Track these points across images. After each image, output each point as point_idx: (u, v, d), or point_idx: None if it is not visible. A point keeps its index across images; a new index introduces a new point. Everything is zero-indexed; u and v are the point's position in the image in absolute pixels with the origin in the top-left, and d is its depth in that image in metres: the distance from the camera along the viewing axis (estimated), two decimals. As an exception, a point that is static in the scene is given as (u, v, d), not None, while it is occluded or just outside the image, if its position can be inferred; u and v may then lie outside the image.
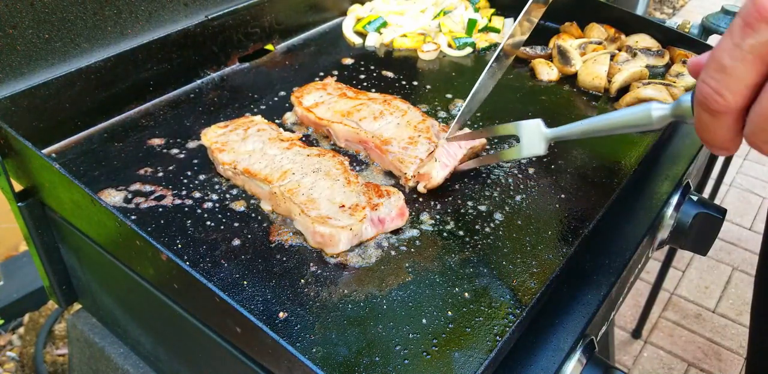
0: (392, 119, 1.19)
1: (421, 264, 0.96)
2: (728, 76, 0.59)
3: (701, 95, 0.62)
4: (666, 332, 2.72)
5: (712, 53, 0.61)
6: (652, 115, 0.79)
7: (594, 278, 1.03)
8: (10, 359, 2.36)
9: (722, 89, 0.60)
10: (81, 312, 1.32)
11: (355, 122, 1.19)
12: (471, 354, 0.81)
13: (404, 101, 1.24)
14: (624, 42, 1.55)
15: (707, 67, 0.61)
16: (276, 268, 0.95)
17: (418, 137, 1.14)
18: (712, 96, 0.61)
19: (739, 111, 0.61)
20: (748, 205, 3.41)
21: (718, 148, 0.67)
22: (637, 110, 0.81)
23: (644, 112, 0.80)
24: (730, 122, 0.62)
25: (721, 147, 0.66)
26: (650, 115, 0.79)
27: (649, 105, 0.79)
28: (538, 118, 0.98)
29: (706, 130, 0.65)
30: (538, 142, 0.98)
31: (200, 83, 1.41)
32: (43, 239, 1.14)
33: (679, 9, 5.67)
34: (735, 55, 0.58)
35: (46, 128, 1.17)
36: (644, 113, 0.80)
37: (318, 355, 0.81)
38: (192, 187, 1.10)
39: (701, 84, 0.62)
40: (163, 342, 1.10)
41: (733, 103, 0.60)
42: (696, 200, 1.25)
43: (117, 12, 1.22)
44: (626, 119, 0.83)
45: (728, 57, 0.59)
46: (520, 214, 1.07)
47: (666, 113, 0.78)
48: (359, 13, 1.69)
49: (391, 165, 1.13)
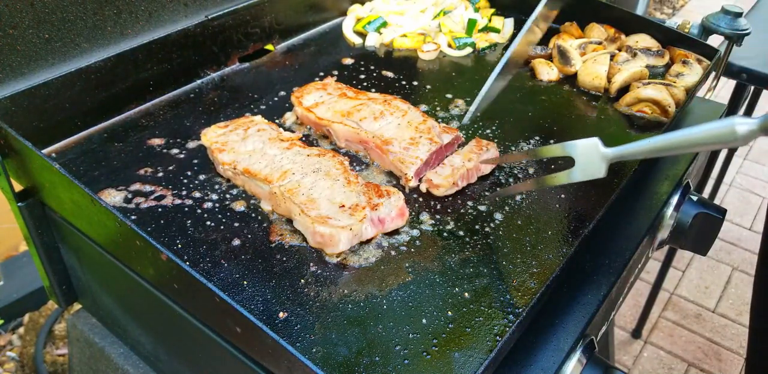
0: (392, 120, 1.19)
1: (421, 264, 0.96)
2: None
3: None
4: (666, 332, 2.72)
5: None
6: (737, 130, 0.73)
7: (594, 278, 1.03)
8: (10, 359, 2.36)
9: None
10: (81, 312, 1.32)
11: (356, 122, 1.19)
12: (471, 354, 0.81)
13: (404, 101, 1.24)
14: (624, 42, 1.55)
15: None
16: (276, 268, 0.95)
17: (420, 138, 1.14)
18: None
19: None
20: (748, 205, 3.41)
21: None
22: (718, 126, 0.75)
23: (728, 127, 0.74)
24: None
25: None
26: (734, 130, 0.74)
27: (732, 120, 0.74)
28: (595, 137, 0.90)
29: None
30: (596, 164, 0.88)
31: (200, 83, 1.41)
32: (43, 239, 1.14)
33: (679, 9, 5.67)
34: None
35: (46, 128, 1.17)
36: (728, 129, 0.74)
37: (318, 355, 0.81)
38: (192, 187, 1.10)
39: None
40: (163, 342, 1.10)
41: None
42: (696, 200, 1.25)
43: (117, 12, 1.22)
44: (706, 135, 0.77)
45: None
46: (520, 214, 1.07)
47: (754, 128, 0.73)
48: (359, 13, 1.69)
49: (392, 165, 1.13)
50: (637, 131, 1.31)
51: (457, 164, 1.11)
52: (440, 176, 1.09)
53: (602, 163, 0.88)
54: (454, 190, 1.11)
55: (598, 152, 0.88)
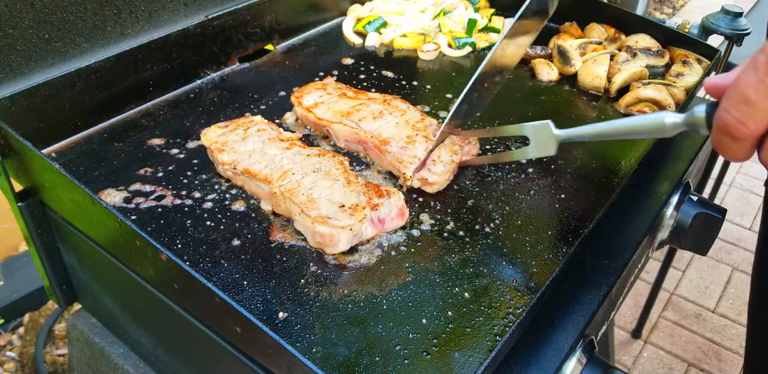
0: (391, 119, 1.19)
1: (421, 264, 0.96)
2: (753, 109, 0.63)
3: (724, 123, 0.66)
4: (666, 332, 2.71)
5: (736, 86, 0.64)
6: (665, 122, 0.81)
7: (594, 278, 1.03)
8: (10, 359, 2.36)
9: (747, 120, 0.64)
10: (81, 312, 1.32)
11: (355, 122, 1.19)
12: (471, 354, 0.81)
13: (404, 101, 1.24)
14: (624, 42, 1.55)
15: (730, 98, 0.65)
16: (276, 268, 0.95)
17: (416, 137, 1.13)
18: (736, 125, 0.65)
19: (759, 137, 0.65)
20: (748, 205, 3.41)
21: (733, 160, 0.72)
22: (651, 117, 0.84)
23: (657, 120, 0.82)
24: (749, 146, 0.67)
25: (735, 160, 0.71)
26: (663, 123, 0.82)
27: (662, 113, 0.82)
28: (547, 119, 0.99)
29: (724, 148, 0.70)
30: (548, 143, 0.99)
31: (200, 83, 1.41)
32: (43, 239, 1.14)
33: (679, 9, 5.67)
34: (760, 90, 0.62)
35: (46, 128, 1.17)
36: (657, 121, 0.82)
37: (318, 355, 0.81)
38: (192, 187, 1.10)
39: (724, 113, 0.66)
40: (163, 342, 1.10)
41: (755, 131, 0.64)
42: (696, 200, 1.25)
43: (117, 12, 1.22)
44: (639, 125, 0.85)
45: (753, 92, 0.62)
46: (520, 214, 1.07)
47: (678, 121, 0.80)
48: (359, 13, 1.68)
49: (390, 165, 1.13)
50: (637, 131, 1.30)
51: (446, 159, 1.11)
52: (434, 173, 1.09)
53: (553, 142, 0.99)
54: (446, 184, 1.11)
55: (550, 133, 0.98)
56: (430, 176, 1.08)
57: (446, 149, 1.13)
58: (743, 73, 0.64)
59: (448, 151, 1.13)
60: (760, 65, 0.61)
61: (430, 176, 1.09)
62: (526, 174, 1.17)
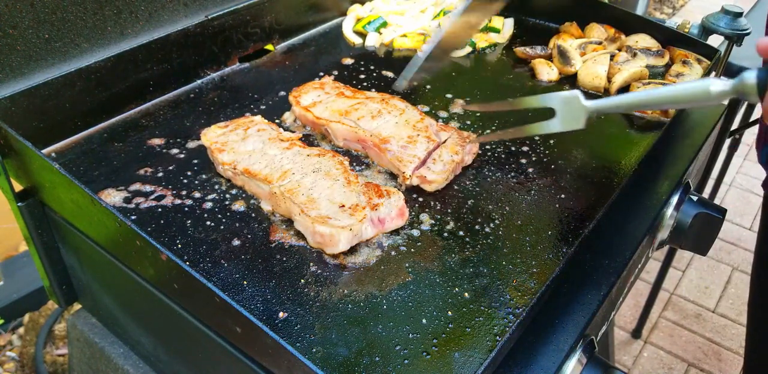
0: (390, 118, 1.19)
1: (421, 264, 0.96)
2: None
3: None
4: (666, 332, 2.71)
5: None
6: (711, 90, 0.77)
7: (594, 278, 1.03)
8: (10, 359, 2.35)
9: None
10: (81, 312, 1.32)
11: (353, 121, 1.19)
12: (471, 354, 0.81)
13: (402, 100, 1.24)
14: (624, 42, 1.55)
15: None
16: (276, 268, 0.95)
17: (417, 137, 1.14)
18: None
19: None
20: (748, 205, 3.41)
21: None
22: (695, 84, 0.78)
23: (702, 87, 0.77)
24: None
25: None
26: (708, 90, 0.77)
27: (708, 80, 0.77)
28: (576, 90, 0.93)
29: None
30: (577, 116, 0.91)
31: (200, 83, 1.41)
32: (43, 239, 1.14)
33: (679, 9, 5.67)
34: None
35: (46, 128, 1.17)
36: (702, 88, 0.77)
37: (318, 355, 0.81)
38: (192, 187, 1.10)
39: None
40: (163, 342, 1.10)
41: None
42: (696, 200, 1.25)
43: (117, 12, 1.22)
44: (684, 92, 0.80)
45: None
46: (520, 214, 1.07)
47: (726, 89, 0.76)
48: (359, 13, 1.68)
49: (390, 164, 1.13)
50: (637, 131, 1.30)
51: (446, 159, 1.11)
52: (434, 172, 1.09)
53: (582, 114, 0.91)
54: (444, 184, 1.11)
55: (579, 104, 0.91)
56: (429, 175, 1.09)
57: (447, 148, 1.13)
58: None
59: (449, 151, 1.13)
60: None
61: (429, 174, 1.09)
62: (526, 174, 1.17)
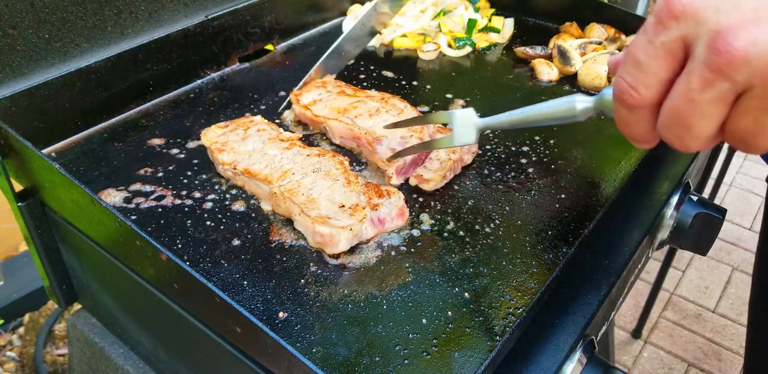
0: (388, 117, 1.18)
1: (421, 264, 0.96)
2: (642, 71, 0.61)
3: (618, 90, 0.64)
4: (666, 332, 2.72)
5: (628, 50, 0.63)
6: (576, 107, 0.80)
7: (594, 278, 1.03)
8: (10, 359, 2.36)
9: (637, 84, 0.62)
10: (81, 312, 1.32)
11: (351, 118, 1.19)
12: (471, 354, 0.81)
13: (402, 100, 1.24)
14: (624, 42, 1.55)
15: (624, 63, 0.63)
16: (276, 268, 0.95)
17: (410, 137, 1.13)
18: (628, 91, 0.63)
19: (654, 105, 0.63)
20: (748, 205, 3.41)
21: (637, 141, 0.69)
22: (562, 101, 0.82)
23: (569, 104, 0.81)
24: (646, 116, 0.64)
25: (640, 140, 0.68)
26: (574, 107, 0.80)
27: (573, 97, 0.80)
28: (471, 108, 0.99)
29: (625, 124, 0.67)
30: (469, 131, 0.97)
31: (200, 83, 1.41)
32: (43, 239, 1.14)
33: (679, 9, 5.66)
34: (648, 51, 0.60)
35: (46, 128, 1.17)
36: (568, 105, 0.81)
37: (318, 355, 0.81)
38: (192, 187, 1.10)
39: (618, 79, 0.64)
40: (163, 342, 1.10)
41: (647, 97, 0.62)
42: (696, 200, 1.25)
43: (117, 12, 1.22)
44: (551, 110, 0.83)
45: (642, 53, 0.61)
46: (520, 214, 1.07)
47: (589, 105, 0.79)
48: (359, 13, 1.68)
49: (380, 162, 1.13)
50: (637, 131, 1.30)
51: (443, 158, 1.12)
52: (430, 170, 1.10)
53: (473, 131, 0.97)
54: (444, 183, 1.12)
55: (471, 121, 0.97)
56: (426, 173, 1.09)
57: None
58: (635, 38, 0.63)
59: (446, 150, 1.13)
60: (649, 27, 0.60)
61: (426, 172, 1.09)
62: (526, 174, 1.17)
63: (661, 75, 0.61)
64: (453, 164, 1.12)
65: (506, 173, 1.17)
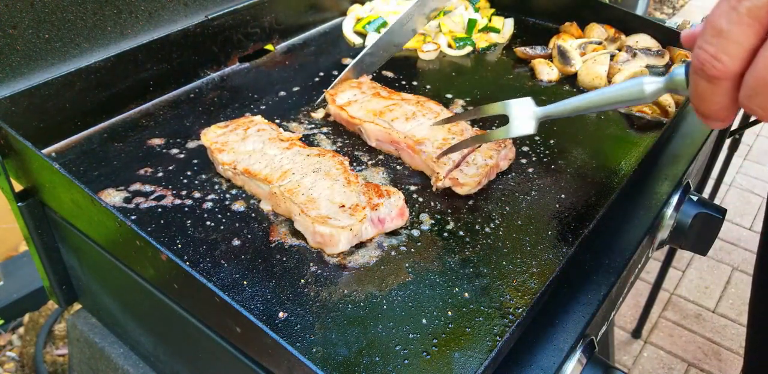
0: (424, 121, 1.19)
1: (421, 264, 0.96)
2: (726, 40, 0.59)
3: (699, 62, 0.62)
4: (666, 332, 2.72)
5: (708, 19, 0.60)
6: (645, 89, 0.79)
7: (594, 278, 1.03)
8: (10, 359, 2.36)
9: (720, 54, 0.60)
10: (81, 312, 1.32)
11: (387, 122, 1.19)
12: (471, 354, 0.81)
13: (437, 103, 1.24)
14: (624, 42, 1.55)
15: (704, 34, 0.60)
16: (276, 268, 0.95)
17: (452, 140, 1.14)
18: (710, 62, 0.60)
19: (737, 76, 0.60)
20: (748, 205, 3.41)
21: (714, 119, 0.66)
22: (629, 84, 0.80)
23: (637, 86, 0.79)
24: (728, 88, 0.62)
25: (717, 117, 0.66)
26: (642, 89, 0.79)
27: (641, 79, 0.79)
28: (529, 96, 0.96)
29: (703, 99, 0.64)
30: (528, 121, 0.95)
31: (200, 83, 1.41)
32: (43, 239, 1.14)
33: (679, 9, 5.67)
34: (732, 18, 0.58)
35: (46, 128, 1.17)
36: (637, 87, 0.79)
37: (318, 355, 0.81)
38: (192, 187, 1.10)
39: (698, 51, 0.61)
40: (163, 342, 1.10)
41: (731, 67, 0.60)
42: (696, 200, 1.25)
43: (117, 12, 1.22)
44: (618, 93, 0.82)
45: (725, 21, 0.58)
46: (520, 214, 1.07)
47: (659, 86, 0.78)
48: (359, 13, 1.68)
49: (424, 165, 1.12)
50: (637, 131, 1.31)
51: (480, 163, 1.11)
52: (466, 174, 1.09)
53: (532, 120, 0.95)
54: (478, 189, 1.11)
55: (530, 110, 0.95)
56: (462, 177, 1.08)
57: (481, 153, 1.13)
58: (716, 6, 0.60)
59: (483, 155, 1.12)
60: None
61: (462, 176, 1.08)
62: (526, 174, 1.17)
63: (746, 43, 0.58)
64: (489, 169, 1.11)
65: (506, 173, 1.17)
